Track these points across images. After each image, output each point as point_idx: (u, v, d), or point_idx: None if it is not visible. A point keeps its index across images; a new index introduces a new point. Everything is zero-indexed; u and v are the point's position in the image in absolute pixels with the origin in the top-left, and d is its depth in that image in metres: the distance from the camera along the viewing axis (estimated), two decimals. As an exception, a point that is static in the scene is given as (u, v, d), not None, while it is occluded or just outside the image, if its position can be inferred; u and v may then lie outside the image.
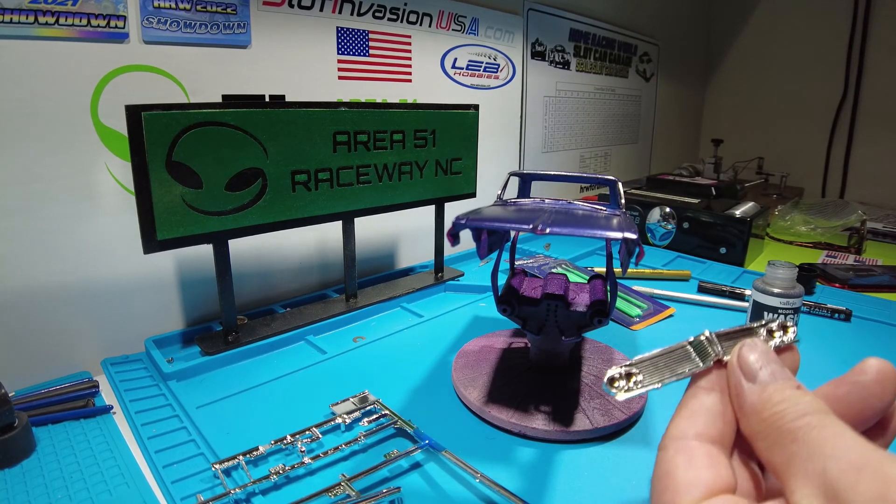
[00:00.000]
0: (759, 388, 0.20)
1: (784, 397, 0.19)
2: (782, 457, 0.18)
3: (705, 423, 0.21)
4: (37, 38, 0.49)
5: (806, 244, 1.11)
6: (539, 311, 0.48)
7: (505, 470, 0.40)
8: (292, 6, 0.68)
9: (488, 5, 0.96)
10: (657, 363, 0.22)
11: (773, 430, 0.19)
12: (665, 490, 0.20)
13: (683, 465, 0.20)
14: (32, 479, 0.39)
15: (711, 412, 0.21)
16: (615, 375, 0.22)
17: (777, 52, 1.71)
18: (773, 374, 0.21)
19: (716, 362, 0.22)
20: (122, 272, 0.58)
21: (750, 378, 0.21)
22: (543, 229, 0.36)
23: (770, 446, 0.19)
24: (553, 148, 1.22)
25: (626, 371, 0.22)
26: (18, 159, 0.50)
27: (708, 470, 0.20)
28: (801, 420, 0.18)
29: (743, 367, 0.21)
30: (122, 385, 0.52)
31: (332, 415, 0.47)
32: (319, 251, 0.77)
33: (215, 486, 0.38)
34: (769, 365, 0.21)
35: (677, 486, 0.19)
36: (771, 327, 0.23)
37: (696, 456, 0.20)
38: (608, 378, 0.21)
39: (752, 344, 0.22)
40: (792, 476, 0.17)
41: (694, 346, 0.22)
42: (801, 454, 0.17)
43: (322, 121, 0.60)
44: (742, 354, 0.21)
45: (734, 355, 0.22)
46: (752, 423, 0.20)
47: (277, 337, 0.61)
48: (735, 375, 0.21)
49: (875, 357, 0.21)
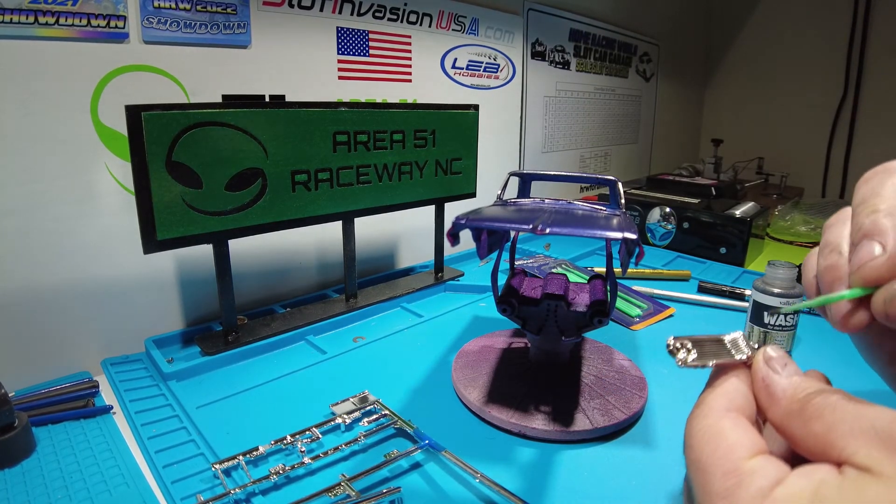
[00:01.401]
0: (786, 378, 0.23)
1: (810, 384, 0.22)
2: (822, 426, 0.20)
3: (740, 401, 0.23)
4: (37, 38, 0.49)
5: (806, 244, 1.11)
6: (539, 311, 0.48)
7: (505, 470, 0.40)
8: (292, 6, 0.68)
9: (488, 5, 0.96)
10: (704, 347, 0.25)
11: (809, 407, 0.21)
12: (717, 448, 0.21)
13: (731, 427, 0.21)
14: (32, 480, 0.39)
15: (744, 395, 0.23)
16: (679, 346, 0.25)
17: (777, 52, 1.71)
18: (795, 371, 0.23)
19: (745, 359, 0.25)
20: (122, 272, 0.58)
21: (776, 371, 0.23)
22: (543, 229, 0.36)
23: (807, 420, 0.21)
24: (553, 148, 1.22)
25: (685, 345, 0.25)
26: (18, 159, 0.50)
27: (754, 433, 0.21)
28: (833, 395, 0.21)
29: (769, 362, 0.24)
30: (122, 385, 0.52)
31: (332, 415, 0.47)
32: (319, 251, 0.77)
33: (215, 487, 0.38)
34: (790, 365, 0.24)
35: (730, 443, 0.21)
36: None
37: (741, 422, 0.22)
38: (672, 347, 0.25)
39: (774, 348, 0.25)
40: (839, 437, 0.19)
41: (730, 342, 0.26)
42: (845, 418, 0.19)
43: (322, 121, 0.60)
44: (769, 352, 0.24)
45: (760, 353, 0.25)
46: (784, 406, 0.22)
47: (277, 337, 0.61)
48: (763, 370, 0.24)
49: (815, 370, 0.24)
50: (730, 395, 0.23)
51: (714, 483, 0.20)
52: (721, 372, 0.25)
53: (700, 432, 0.22)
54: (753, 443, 0.21)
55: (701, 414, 0.23)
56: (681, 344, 0.25)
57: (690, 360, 0.25)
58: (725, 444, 0.21)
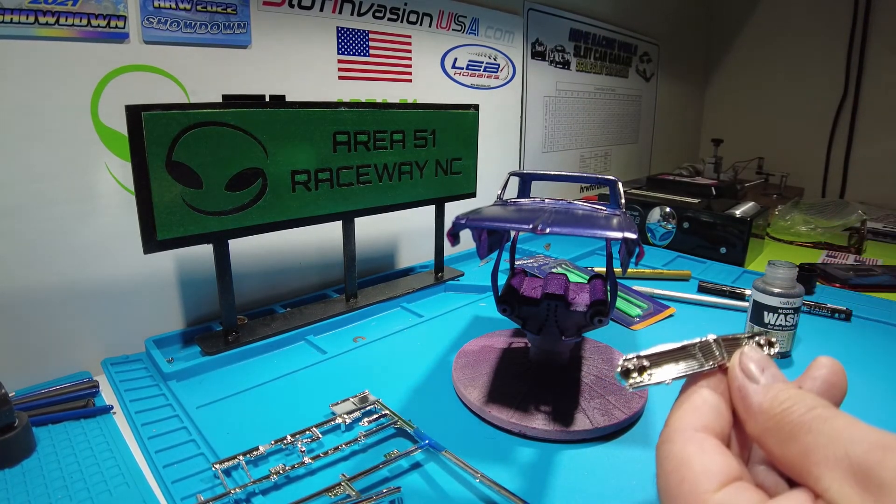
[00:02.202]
0: (763, 389, 0.21)
1: (789, 395, 0.20)
2: (798, 448, 0.18)
3: (710, 417, 0.21)
4: (37, 38, 0.49)
5: (806, 244, 1.11)
6: (539, 311, 0.48)
7: (505, 470, 0.40)
8: (292, 6, 0.68)
9: (488, 5, 0.96)
10: (666, 359, 0.22)
11: (786, 424, 0.19)
12: (682, 481, 0.19)
13: (697, 453, 0.20)
14: (32, 480, 0.39)
15: (716, 409, 0.22)
16: (630, 367, 0.22)
17: (777, 52, 1.71)
18: (773, 376, 0.22)
19: (718, 366, 0.23)
20: (122, 272, 0.58)
21: (753, 380, 0.21)
22: (543, 229, 0.36)
23: (783, 440, 0.19)
24: (553, 148, 1.22)
25: (639, 364, 0.22)
26: (18, 159, 0.50)
27: (722, 458, 0.20)
28: (811, 412, 0.19)
29: (745, 370, 0.22)
30: (123, 385, 0.52)
31: (332, 415, 0.47)
32: (319, 251, 0.77)
33: (215, 486, 0.38)
34: (770, 368, 0.22)
35: (695, 474, 0.19)
36: (759, 341, 0.24)
37: (708, 446, 0.20)
38: (623, 369, 0.22)
39: (752, 350, 0.23)
40: (814, 464, 0.18)
41: (700, 348, 0.23)
42: (820, 442, 0.18)
43: (322, 121, 0.60)
44: (743, 359, 0.22)
45: (736, 359, 0.22)
46: (761, 422, 0.20)
47: (277, 337, 0.61)
48: (738, 378, 0.22)
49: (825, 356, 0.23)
50: (698, 412, 0.21)
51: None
52: (691, 383, 0.23)
53: (666, 459, 0.20)
54: (722, 469, 0.19)
55: (667, 438, 0.21)
56: (634, 363, 0.22)
57: (646, 380, 0.22)
58: (691, 474, 0.19)
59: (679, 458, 0.20)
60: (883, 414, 0.48)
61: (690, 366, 0.23)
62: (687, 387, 0.23)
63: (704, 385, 0.22)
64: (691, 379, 0.23)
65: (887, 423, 0.46)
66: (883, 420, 0.47)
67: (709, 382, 0.22)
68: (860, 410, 0.31)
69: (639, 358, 0.22)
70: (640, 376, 0.22)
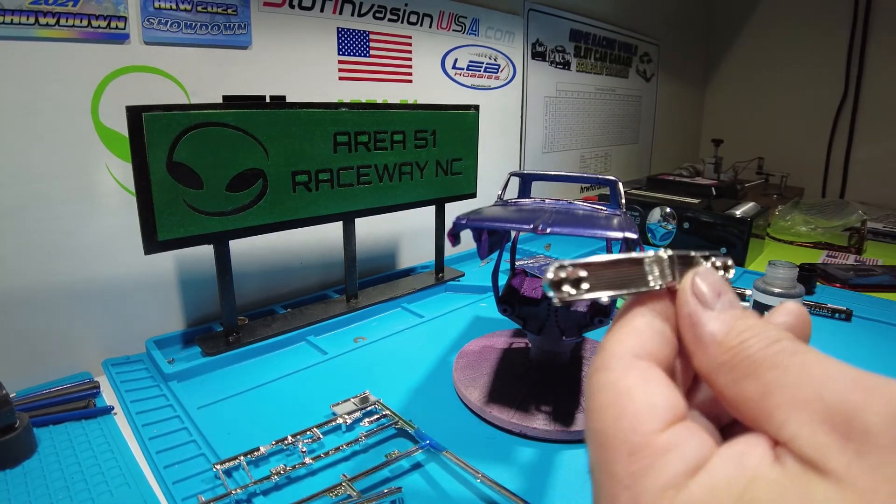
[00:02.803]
0: (718, 315, 0.18)
1: (749, 324, 0.17)
2: (757, 388, 0.15)
3: (654, 343, 0.18)
4: (37, 38, 0.49)
5: (806, 244, 1.11)
6: (539, 311, 0.48)
7: (506, 470, 0.40)
8: (293, 7, 0.68)
9: (488, 6, 0.96)
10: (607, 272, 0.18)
11: (743, 359, 0.16)
12: (621, 416, 0.16)
13: (640, 384, 0.16)
14: (34, 480, 0.39)
15: (661, 335, 0.18)
16: (563, 276, 0.17)
17: (777, 52, 1.71)
18: (731, 302, 0.18)
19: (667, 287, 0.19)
20: (122, 273, 0.59)
21: (707, 306, 0.18)
22: (544, 229, 0.36)
23: (739, 378, 0.16)
24: (553, 148, 1.22)
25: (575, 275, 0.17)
26: (18, 159, 0.50)
27: (669, 391, 0.16)
28: (776, 345, 0.16)
29: (698, 293, 0.18)
30: (123, 386, 0.52)
31: (332, 415, 0.47)
32: (320, 252, 0.77)
33: (216, 487, 0.38)
34: (726, 294, 0.18)
35: (637, 409, 0.16)
36: (714, 263, 0.20)
37: (653, 376, 0.17)
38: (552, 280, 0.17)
39: (708, 271, 0.19)
40: (776, 407, 0.15)
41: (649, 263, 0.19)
42: (785, 381, 0.15)
43: (322, 121, 0.60)
44: (697, 281, 0.18)
45: (687, 280, 0.19)
46: (713, 355, 0.17)
47: (278, 337, 0.61)
48: (689, 303, 0.18)
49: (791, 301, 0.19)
50: (641, 337, 0.18)
51: (617, 465, 0.15)
52: (633, 304, 0.19)
53: (600, 391, 0.17)
54: (669, 405, 0.16)
55: (602, 365, 0.17)
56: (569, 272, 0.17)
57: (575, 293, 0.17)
58: (631, 408, 0.16)
59: (617, 388, 0.16)
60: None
61: (635, 283, 0.18)
62: (628, 308, 0.19)
63: (649, 307, 0.18)
64: (634, 299, 0.19)
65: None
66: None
67: (654, 306, 0.18)
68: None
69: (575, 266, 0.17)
70: (574, 289, 0.17)
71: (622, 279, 0.18)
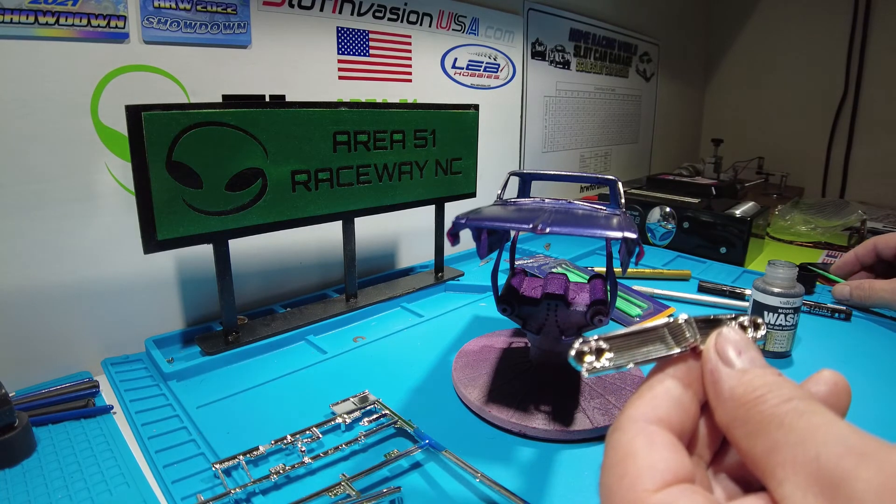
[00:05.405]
0: (738, 373, 0.19)
1: (766, 381, 0.18)
2: (765, 444, 0.16)
3: (668, 409, 0.19)
4: (37, 38, 0.49)
5: (806, 244, 1.11)
6: (539, 311, 0.48)
7: (505, 470, 0.40)
8: (292, 6, 0.68)
9: (488, 5, 0.96)
10: (630, 342, 0.20)
11: (755, 415, 0.17)
12: (623, 475, 0.17)
13: (644, 447, 0.18)
14: (33, 479, 0.39)
15: (676, 401, 0.19)
16: (585, 350, 0.19)
17: (777, 52, 1.71)
18: (752, 360, 0.19)
19: (691, 349, 0.20)
20: (122, 272, 0.58)
21: (728, 364, 0.19)
22: (543, 229, 0.36)
23: (751, 433, 0.17)
24: (553, 148, 1.22)
25: (596, 346, 0.19)
26: (18, 159, 0.50)
27: (671, 455, 0.17)
28: (786, 404, 0.17)
29: (720, 351, 0.20)
30: (123, 385, 0.52)
31: (332, 414, 0.47)
32: (319, 251, 0.77)
33: (216, 486, 0.38)
34: (748, 351, 0.19)
35: (638, 470, 0.17)
36: (743, 322, 0.22)
37: (658, 440, 0.18)
38: (576, 352, 0.19)
39: (730, 330, 0.20)
40: (778, 465, 0.15)
41: (670, 329, 0.20)
42: (789, 440, 0.15)
43: (322, 121, 0.60)
44: (720, 340, 0.20)
45: (711, 340, 0.20)
46: (730, 409, 0.18)
47: (278, 337, 0.61)
48: (712, 361, 0.20)
49: (829, 369, 0.20)
50: (654, 402, 0.19)
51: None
52: (657, 369, 0.20)
53: (612, 450, 0.18)
54: (669, 468, 0.17)
55: (618, 426, 0.19)
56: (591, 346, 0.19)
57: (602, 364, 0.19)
58: (634, 469, 0.17)
59: (625, 449, 0.18)
60: (882, 414, 0.48)
61: (657, 349, 0.20)
62: (653, 373, 0.21)
63: (671, 373, 0.20)
64: (659, 365, 0.20)
65: (886, 424, 0.46)
66: (882, 420, 0.47)
67: (677, 370, 0.20)
68: (859, 410, 0.31)
69: (596, 340, 0.19)
70: (598, 360, 0.19)
71: (644, 347, 0.20)
